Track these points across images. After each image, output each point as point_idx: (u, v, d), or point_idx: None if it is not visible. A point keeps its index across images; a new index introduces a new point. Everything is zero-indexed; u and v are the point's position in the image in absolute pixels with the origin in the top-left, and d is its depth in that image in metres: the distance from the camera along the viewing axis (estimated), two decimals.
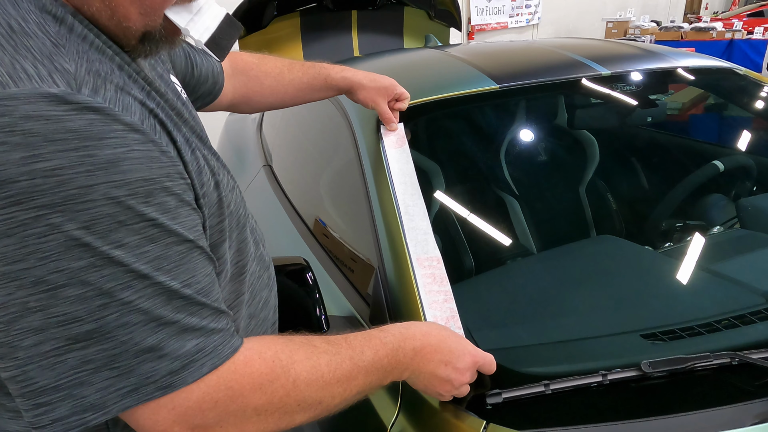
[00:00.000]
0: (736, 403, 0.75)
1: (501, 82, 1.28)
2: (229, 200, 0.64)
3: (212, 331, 0.54)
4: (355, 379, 0.62)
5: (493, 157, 1.48)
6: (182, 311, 0.51)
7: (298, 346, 0.60)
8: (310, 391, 0.58)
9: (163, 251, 0.50)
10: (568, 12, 7.50)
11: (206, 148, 0.64)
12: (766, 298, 0.95)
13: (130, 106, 0.50)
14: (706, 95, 1.66)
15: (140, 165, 0.48)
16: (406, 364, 0.68)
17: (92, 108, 0.45)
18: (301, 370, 0.58)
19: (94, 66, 0.49)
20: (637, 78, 1.42)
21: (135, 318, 0.48)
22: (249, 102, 1.08)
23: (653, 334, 0.89)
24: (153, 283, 0.49)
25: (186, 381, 0.51)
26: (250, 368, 0.55)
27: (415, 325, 0.73)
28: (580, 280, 1.07)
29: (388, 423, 0.81)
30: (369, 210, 1.06)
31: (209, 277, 0.55)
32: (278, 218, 1.53)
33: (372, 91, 1.08)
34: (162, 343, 0.50)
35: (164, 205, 0.49)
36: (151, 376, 0.50)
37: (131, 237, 0.47)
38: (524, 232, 1.37)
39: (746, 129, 1.55)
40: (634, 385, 0.79)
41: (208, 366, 0.53)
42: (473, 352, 0.74)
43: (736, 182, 1.46)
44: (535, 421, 0.75)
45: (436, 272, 0.87)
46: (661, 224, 1.38)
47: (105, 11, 0.52)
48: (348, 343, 0.64)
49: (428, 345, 0.70)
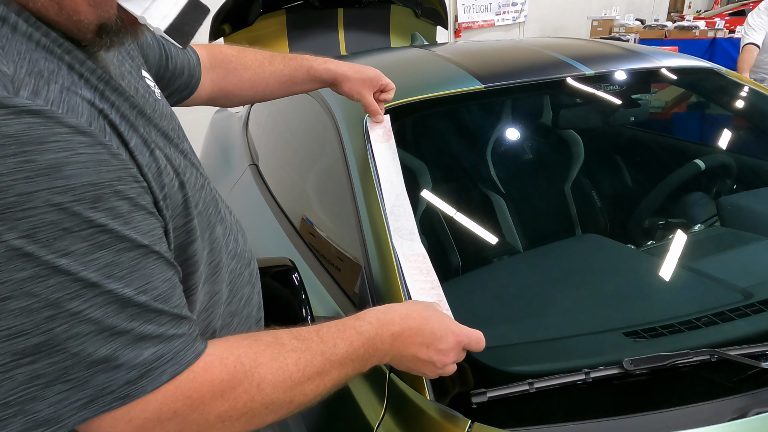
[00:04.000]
0: (715, 400, 0.77)
1: (486, 82, 1.28)
2: (197, 200, 0.62)
3: (172, 337, 0.52)
4: (328, 374, 0.61)
5: (479, 157, 1.49)
6: (137, 319, 0.49)
7: (263, 347, 0.58)
8: (278, 393, 0.57)
9: (114, 258, 0.48)
10: (554, 10, 7.54)
11: (172, 147, 0.62)
12: (744, 295, 0.97)
13: (77, 106, 0.48)
14: (688, 95, 1.69)
15: (86, 169, 0.46)
16: (385, 351, 0.67)
17: (31, 111, 0.43)
18: (266, 372, 0.56)
19: (37, 66, 0.47)
20: (621, 78, 1.43)
21: (86, 328, 0.46)
22: (228, 96, 1.04)
23: (635, 332, 0.90)
24: (104, 291, 0.47)
25: (145, 390, 0.49)
26: (210, 375, 0.53)
27: (395, 308, 0.70)
28: (564, 279, 1.08)
29: (374, 423, 0.81)
30: (355, 209, 1.06)
31: (168, 283, 0.53)
32: (264, 217, 1.52)
33: (357, 82, 1.04)
34: (116, 352, 0.48)
35: (115, 210, 0.48)
36: (108, 387, 0.48)
37: (78, 244, 0.45)
38: (510, 231, 1.38)
39: (726, 128, 1.58)
40: (616, 383, 0.80)
41: (169, 373, 0.51)
42: (457, 331, 0.72)
43: (717, 180, 1.48)
44: (520, 419, 0.75)
45: (423, 266, 0.86)
46: (643, 222, 1.39)
47: (52, 6, 0.49)
48: (320, 336, 0.62)
49: (408, 328, 0.68)
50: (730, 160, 1.48)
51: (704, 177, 1.46)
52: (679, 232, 1.19)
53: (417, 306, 0.72)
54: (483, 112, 1.53)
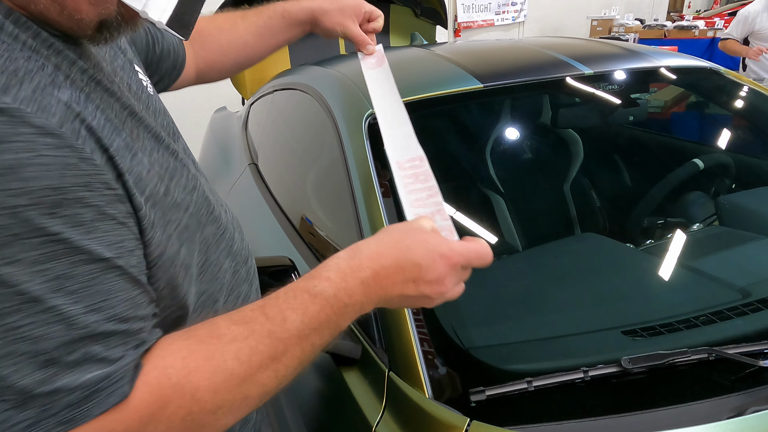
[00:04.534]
0: (713, 398, 0.77)
1: (485, 82, 1.29)
2: (187, 203, 0.60)
3: (121, 358, 0.47)
4: (285, 354, 0.53)
5: (477, 156, 1.49)
6: (80, 341, 0.45)
7: (196, 347, 0.51)
8: (222, 396, 0.51)
9: (67, 270, 0.44)
10: (554, 10, 7.54)
11: (162, 148, 0.60)
12: (742, 294, 0.97)
13: (50, 107, 0.45)
14: (687, 94, 1.69)
15: (48, 172, 0.42)
16: (360, 302, 0.57)
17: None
18: (199, 379, 0.50)
19: (13, 65, 0.45)
20: (619, 77, 1.43)
21: (22, 347, 0.42)
22: (214, 65, 1.00)
23: (633, 331, 0.90)
24: (48, 307, 0.43)
25: (90, 414, 0.45)
26: (133, 402, 0.47)
27: (362, 249, 0.59)
28: (563, 278, 1.08)
29: (374, 421, 0.82)
30: (354, 208, 1.06)
31: (129, 302, 0.48)
32: (264, 216, 1.52)
33: (336, 14, 0.95)
34: (54, 376, 0.44)
35: (76, 217, 0.44)
36: (49, 409, 0.44)
37: (27, 252, 0.42)
38: (509, 230, 1.38)
39: (725, 127, 1.58)
40: (615, 381, 0.81)
41: (118, 395, 0.46)
42: (448, 253, 0.59)
43: (716, 180, 1.48)
44: (519, 417, 0.76)
45: (419, 171, 0.75)
46: (642, 221, 1.40)
47: (54, 7, 0.49)
48: (264, 314, 0.54)
49: (382, 268, 0.57)
50: (729, 159, 1.48)
51: (703, 176, 1.46)
52: (678, 232, 1.19)
53: (392, 236, 0.60)
54: (482, 111, 1.53)
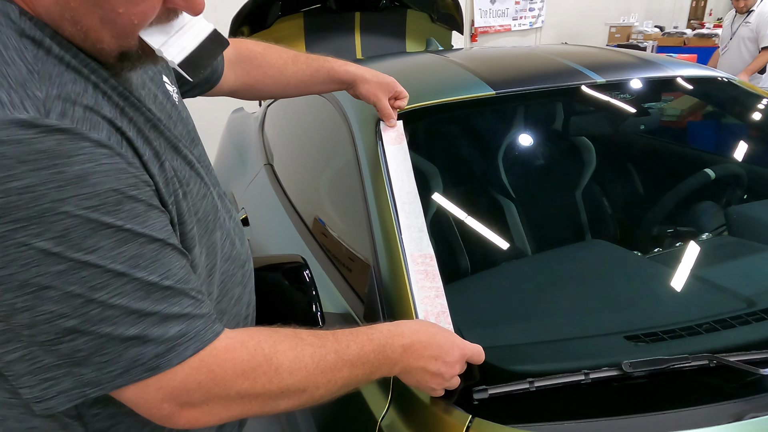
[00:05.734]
0: (713, 404, 0.78)
1: (497, 88, 1.31)
2: (197, 208, 0.68)
3: (194, 317, 0.58)
4: (340, 371, 0.66)
5: (489, 161, 1.51)
6: (162, 302, 0.56)
7: (283, 338, 0.64)
8: (293, 380, 0.62)
9: (137, 250, 0.54)
10: (572, 16, 7.51)
11: (179, 158, 0.66)
12: (747, 303, 0.98)
13: (98, 124, 0.53)
14: (699, 104, 1.69)
15: (108, 177, 0.52)
16: (396, 360, 0.72)
17: (60, 129, 0.49)
18: (284, 359, 0.62)
19: (65, 89, 0.52)
20: (631, 86, 1.45)
21: (116, 312, 0.53)
22: (251, 90, 1.09)
23: (636, 336, 0.92)
24: (131, 279, 0.54)
25: (171, 363, 0.56)
26: (231, 354, 0.60)
27: (405, 323, 0.76)
28: (569, 283, 1.10)
29: (379, 416, 0.84)
30: (366, 210, 1.09)
31: (185, 269, 0.59)
32: (278, 216, 1.56)
33: (374, 85, 1.10)
34: (145, 331, 0.55)
35: (133, 210, 0.54)
36: (139, 359, 0.55)
37: (105, 241, 0.52)
38: (519, 235, 1.40)
39: (738, 138, 1.58)
40: (616, 384, 0.82)
41: (192, 349, 0.57)
42: (461, 345, 0.77)
43: (727, 190, 1.48)
44: (520, 416, 0.77)
45: (429, 269, 0.90)
46: (652, 230, 1.41)
47: (78, 35, 0.54)
48: (335, 337, 0.67)
49: (417, 342, 0.73)
50: (741, 170, 1.48)
51: (714, 186, 1.47)
52: (686, 241, 1.20)
53: (423, 323, 0.78)
54: (494, 117, 1.55)
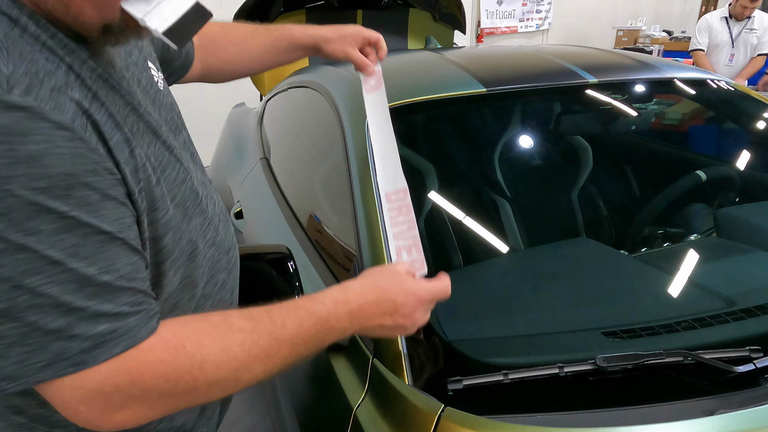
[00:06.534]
0: (686, 400, 0.79)
1: (489, 86, 1.32)
2: (174, 194, 0.66)
3: (128, 314, 0.56)
4: (278, 353, 0.64)
5: (480, 159, 1.52)
6: (95, 298, 0.53)
7: (210, 328, 0.61)
8: (221, 373, 0.60)
9: (79, 240, 0.52)
10: (579, 19, 7.49)
11: (159, 143, 0.66)
12: (727, 302, 0.99)
13: (64, 105, 0.52)
14: (693, 105, 1.69)
15: (63, 160, 0.50)
16: (344, 327, 0.70)
17: (20, 107, 0.48)
18: (208, 354, 0.59)
19: (35, 67, 0.51)
20: (624, 87, 1.45)
21: (45, 300, 0.51)
22: (219, 70, 1.09)
23: (614, 332, 0.93)
24: (66, 269, 0.51)
25: (98, 359, 0.54)
26: (151, 355, 0.57)
27: (352, 285, 0.73)
28: (550, 279, 1.10)
29: (355, 404, 0.86)
30: (352, 203, 1.10)
31: (131, 266, 0.57)
32: (270, 209, 1.57)
33: (338, 41, 1.06)
34: (71, 325, 0.52)
35: (85, 198, 0.52)
36: (63, 353, 0.52)
37: (46, 225, 0.50)
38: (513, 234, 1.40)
39: (730, 140, 1.59)
40: (590, 379, 0.83)
41: (122, 346, 0.55)
42: (418, 292, 0.74)
43: (719, 192, 1.49)
44: (493, 407, 0.79)
45: (402, 204, 0.89)
46: (640, 230, 1.41)
47: (59, 8, 0.54)
48: (270, 317, 0.65)
49: (366, 303, 0.71)
50: (733, 172, 1.48)
51: (705, 188, 1.47)
52: (672, 241, 1.21)
53: (373, 277, 0.75)
54: (485, 115, 1.56)
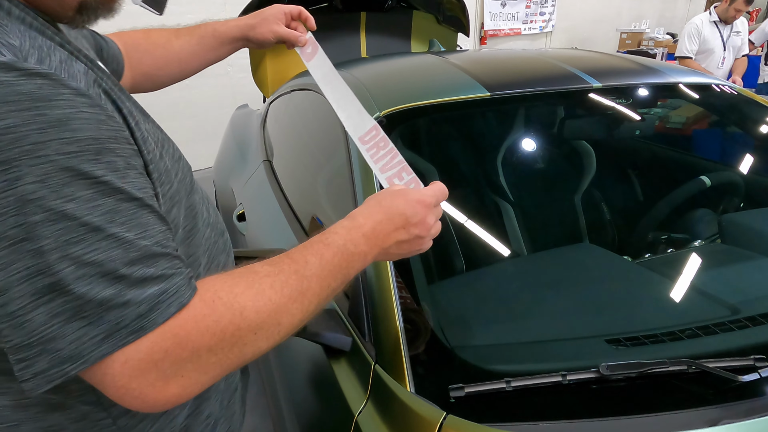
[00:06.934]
0: (690, 409, 0.78)
1: (493, 90, 1.31)
2: (176, 169, 0.67)
3: (172, 276, 0.55)
4: (309, 290, 0.63)
5: (484, 163, 1.51)
6: (139, 262, 0.52)
7: (237, 279, 0.60)
8: (262, 317, 0.59)
9: (115, 205, 0.51)
10: (583, 21, 7.48)
11: (149, 122, 0.66)
12: (731, 310, 0.98)
13: (75, 74, 0.53)
14: (695, 110, 1.69)
15: (89, 125, 0.50)
16: (365, 251, 0.69)
17: (40, 74, 0.48)
18: (245, 300, 0.58)
19: (36, 42, 0.52)
20: (628, 91, 1.44)
21: (91, 270, 0.50)
22: (149, 77, 1.07)
23: (617, 340, 0.92)
24: (107, 235, 0.50)
25: (156, 322, 0.52)
26: (192, 312, 0.55)
27: (359, 212, 0.72)
28: (553, 285, 1.10)
29: (356, 410, 0.85)
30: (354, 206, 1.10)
31: (163, 233, 0.56)
32: (273, 212, 1.57)
33: (262, 24, 1.05)
34: (122, 291, 0.51)
35: (113, 164, 0.52)
36: (121, 321, 0.51)
37: (83, 191, 0.49)
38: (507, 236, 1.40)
39: (735, 145, 1.58)
40: (594, 387, 0.82)
41: (176, 306, 0.54)
42: (420, 198, 0.74)
43: (723, 198, 1.48)
44: (496, 415, 0.78)
45: (378, 140, 0.87)
46: (644, 236, 1.40)
47: None
48: (290, 258, 0.64)
49: (377, 222, 0.70)
50: (737, 177, 1.48)
51: (710, 194, 1.46)
52: (676, 247, 1.20)
53: (376, 199, 0.74)
54: (489, 119, 1.55)
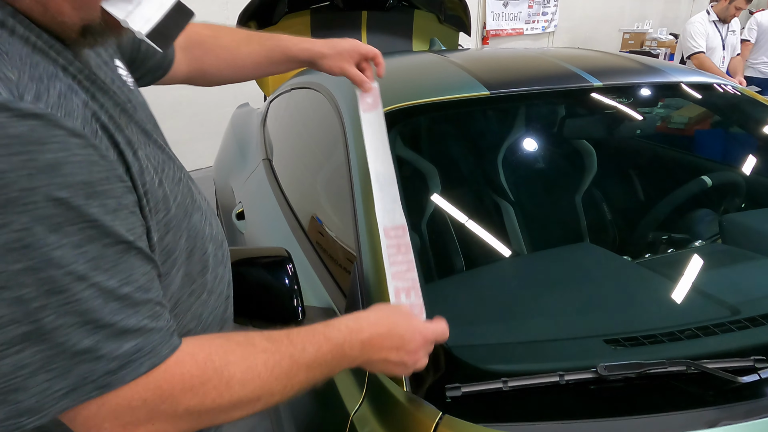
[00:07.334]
0: (689, 410, 0.78)
1: (492, 89, 1.30)
2: (175, 193, 0.66)
3: (151, 330, 0.54)
4: (296, 376, 0.64)
5: (482, 161, 1.51)
6: (119, 312, 0.52)
7: (234, 347, 0.61)
8: (246, 391, 0.59)
9: (101, 251, 0.50)
10: (585, 21, 7.46)
11: (151, 143, 0.64)
12: (731, 311, 0.97)
13: (73, 111, 0.51)
14: (697, 110, 1.68)
15: (81, 168, 0.49)
16: (355, 356, 0.70)
17: (34, 114, 0.47)
18: (235, 371, 0.59)
19: (37, 71, 0.50)
20: (629, 91, 1.43)
21: (71, 319, 0.49)
22: (205, 75, 1.05)
23: (616, 340, 0.91)
24: (91, 284, 0.50)
25: (124, 380, 0.52)
26: (180, 369, 0.56)
27: (364, 316, 0.74)
28: (552, 285, 1.09)
29: (352, 409, 0.85)
30: (352, 206, 1.09)
31: (147, 276, 0.56)
32: (271, 210, 1.56)
33: (335, 58, 1.03)
34: (99, 344, 0.50)
35: (103, 207, 0.51)
36: (89, 376, 0.50)
37: (70, 237, 0.48)
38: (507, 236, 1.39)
39: (736, 145, 1.57)
40: (592, 387, 0.82)
41: (147, 365, 0.53)
42: (423, 331, 0.75)
43: (724, 198, 1.47)
44: (492, 415, 0.77)
45: (401, 241, 0.88)
46: (644, 236, 1.39)
47: (37, 8, 0.52)
48: (290, 340, 0.65)
49: (377, 335, 0.72)
50: (739, 177, 1.47)
51: (711, 194, 1.45)
52: (676, 247, 1.19)
53: (384, 311, 0.76)
54: (488, 118, 1.55)
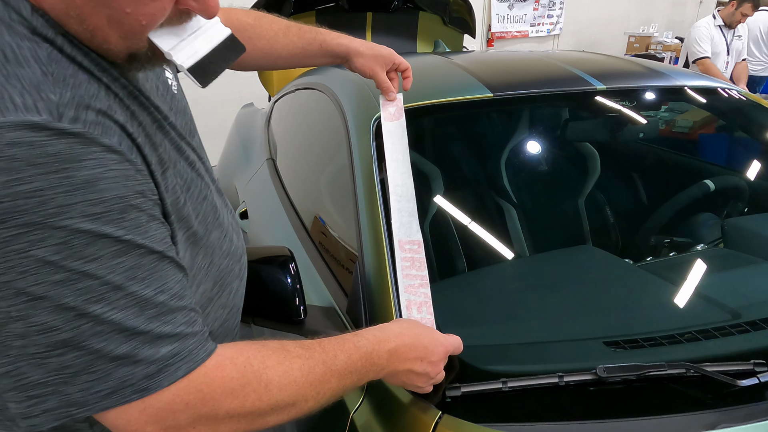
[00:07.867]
0: (688, 413, 0.78)
1: (496, 91, 1.31)
2: (198, 211, 0.67)
3: (187, 336, 0.57)
4: (329, 382, 0.65)
5: (487, 164, 1.51)
6: (155, 320, 0.54)
7: (271, 352, 0.63)
8: (283, 395, 0.61)
9: (136, 261, 0.53)
10: (591, 24, 7.44)
11: (182, 160, 0.66)
12: (732, 314, 0.97)
13: (110, 128, 0.53)
14: (701, 114, 1.68)
15: (116, 183, 0.51)
16: (382, 365, 0.71)
17: (71, 133, 0.49)
18: (273, 374, 0.61)
19: (79, 91, 0.52)
20: (632, 94, 1.44)
21: (108, 327, 0.52)
22: (239, 62, 1.03)
23: (616, 342, 0.91)
24: (127, 293, 0.52)
25: (161, 384, 0.54)
26: (221, 372, 0.58)
27: (390, 327, 0.76)
28: (553, 287, 1.10)
29: (352, 408, 0.85)
30: (355, 207, 1.10)
31: (180, 284, 0.58)
32: (275, 210, 1.57)
33: (370, 59, 1.04)
34: (136, 350, 0.53)
35: (136, 220, 0.53)
36: (128, 380, 0.53)
37: (105, 250, 0.51)
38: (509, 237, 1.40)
39: (739, 149, 1.57)
40: (591, 389, 0.82)
41: (184, 369, 0.56)
42: (444, 342, 0.77)
43: (727, 202, 1.47)
44: (491, 415, 0.78)
45: (416, 256, 0.88)
46: (647, 239, 1.39)
47: (84, 34, 0.53)
48: (322, 347, 0.66)
49: (403, 345, 0.73)
50: (742, 182, 1.47)
51: (713, 198, 1.45)
52: (678, 251, 1.19)
53: (407, 323, 0.78)
54: (492, 120, 1.55)
